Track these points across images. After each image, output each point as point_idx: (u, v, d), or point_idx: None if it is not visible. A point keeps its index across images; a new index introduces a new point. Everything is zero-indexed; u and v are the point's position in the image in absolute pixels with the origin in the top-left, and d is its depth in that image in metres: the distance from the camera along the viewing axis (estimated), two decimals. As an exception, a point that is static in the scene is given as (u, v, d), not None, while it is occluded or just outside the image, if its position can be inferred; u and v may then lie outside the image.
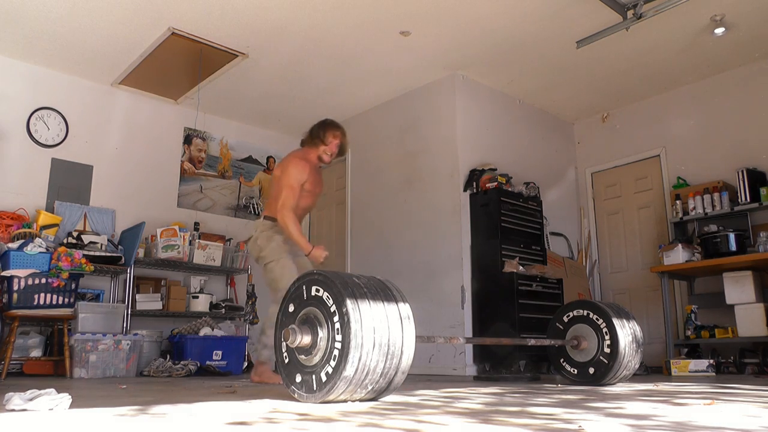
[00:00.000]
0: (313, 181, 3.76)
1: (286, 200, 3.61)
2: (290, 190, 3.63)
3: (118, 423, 1.57)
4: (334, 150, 3.83)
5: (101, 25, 4.79)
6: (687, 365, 4.81)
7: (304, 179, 3.68)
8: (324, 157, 3.81)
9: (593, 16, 4.65)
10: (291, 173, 3.67)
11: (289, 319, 2.20)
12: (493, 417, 1.71)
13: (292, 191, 3.63)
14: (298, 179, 3.66)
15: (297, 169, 3.69)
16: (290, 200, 3.62)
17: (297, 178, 3.66)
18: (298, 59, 5.34)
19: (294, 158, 3.80)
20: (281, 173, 3.74)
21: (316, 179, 3.82)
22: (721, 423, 1.57)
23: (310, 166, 3.76)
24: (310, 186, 3.74)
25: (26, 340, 4.69)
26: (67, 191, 5.46)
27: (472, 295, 5.14)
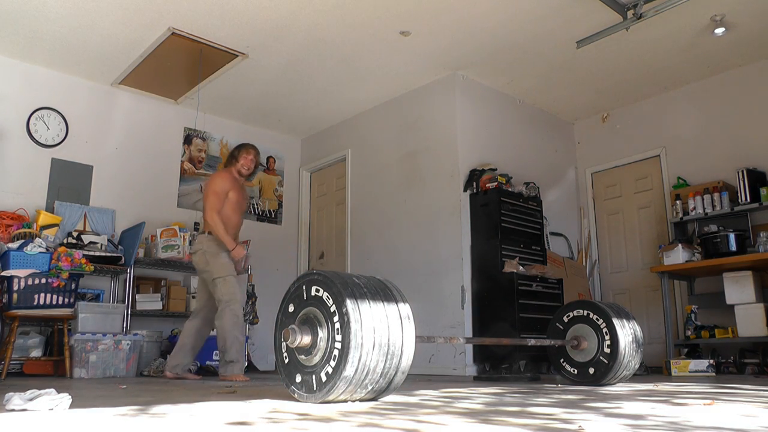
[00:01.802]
0: (237, 192, 4.32)
1: (212, 205, 4.18)
2: (215, 196, 4.21)
3: (118, 423, 1.57)
4: (250, 165, 4.41)
5: (101, 25, 4.79)
6: (687, 365, 4.81)
7: (227, 187, 4.26)
8: (242, 171, 4.37)
9: (593, 16, 4.65)
10: (215, 182, 4.30)
11: (288, 319, 2.20)
12: (493, 417, 1.71)
13: (216, 196, 4.20)
14: (221, 186, 4.25)
15: (220, 178, 4.34)
16: (216, 204, 4.18)
17: (221, 185, 4.25)
18: (298, 59, 5.34)
19: (216, 173, 4.64)
20: (206, 186, 4.36)
21: (241, 192, 4.38)
22: (720, 423, 1.57)
23: (232, 177, 4.34)
24: (236, 196, 4.29)
25: (26, 340, 4.69)
26: (67, 191, 5.46)
27: (472, 295, 5.14)
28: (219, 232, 4.14)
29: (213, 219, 4.14)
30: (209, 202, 4.20)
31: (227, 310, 4.03)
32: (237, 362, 3.98)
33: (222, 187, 4.25)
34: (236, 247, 4.18)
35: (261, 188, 6.86)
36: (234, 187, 4.30)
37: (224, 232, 4.13)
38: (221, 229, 4.13)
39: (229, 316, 4.02)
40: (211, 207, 4.18)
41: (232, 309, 4.04)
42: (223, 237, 4.13)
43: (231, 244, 4.15)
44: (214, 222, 4.14)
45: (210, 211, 4.18)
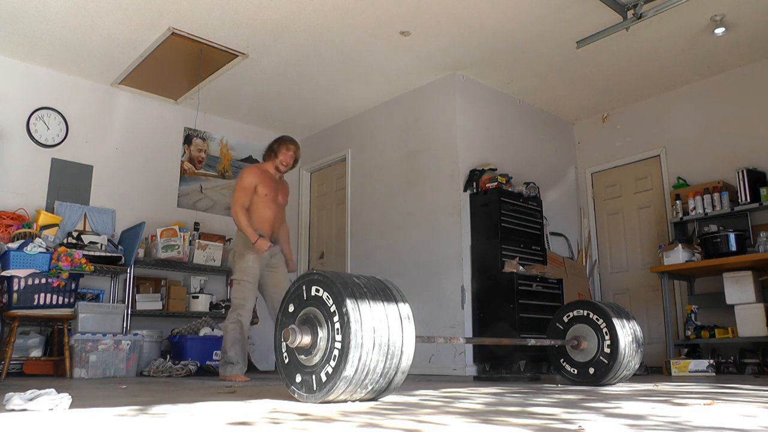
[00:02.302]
0: (268, 187, 4.23)
1: (236, 198, 4.16)
2: (240, 190, 4.17)
3: (118, 423, 1.57)
4: (289, 161, 4.33)
5: (101, 25, 4.79)
6: (687, 365, 4.81)
7: (255, 182, 4.19)
8: (280, 167, 4.31)
9: (593, 16, 4.65)
10: (242, 176, 4.26)
11: (289, 319, 2.20)
12: (493, 417, 1.71)
13: (242, 191, 4.16)
14: (248, 181, 4.19)
15: (247, 172, 4.28)
16: (241, 198, 4.14)
17: (247, 180, 4.19)
18: (298, 59, 5.34)
19: (246, 167, 4.50)
20: (236, 181, 4.34)
21: (272, 186, 4.27)
22: (720, 423, 1.57)
23: (261, 171, 4.27)
24: (266, 190, 4.21)
25: (26, 340, 4.69)
26: (67, 191, 5.46)
27: (472, 295, 5.13)
28: (240, 225, 4.10)
29: (235, 212, 4.12)
30: (234, 195, 4.20)
31: (233, 314, 4.05)
32: (237, 363, 3.99)
33: (249, 182, 4.19)
34: (258, 239, 4.07)
35: (261, 188, 6.85)
36: (263, 181, 4.22)
37: (246, 224, 4.08)
38: (243, 222, 4.08)
39: (233, 319, 4.03)
40: (235, 200, 4.16)
41: (238, 313, 4.04)
42: (245, 229, 4.08)
43: (253, 236, 4.06)
44: (236, 215, 4.12)
45: (234, 204, 4.16)
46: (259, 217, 4.18)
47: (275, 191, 4.30)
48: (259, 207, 4.19)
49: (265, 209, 4.21)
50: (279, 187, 4.36)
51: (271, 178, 4.30)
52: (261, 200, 4.20)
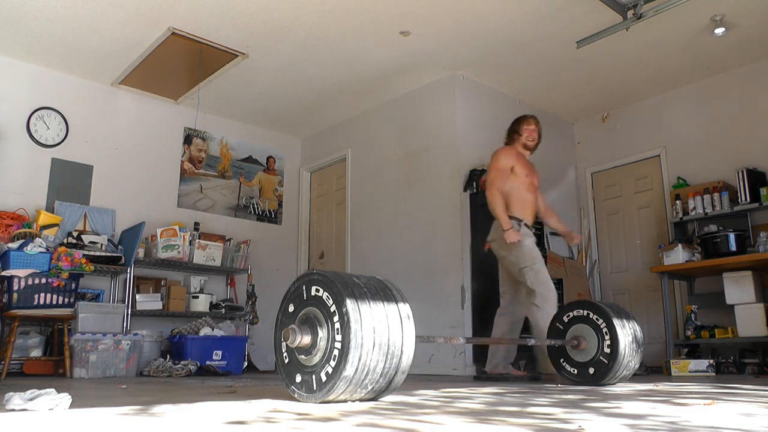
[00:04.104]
0: (524, 166, 4.03)
1: (492, 180, 3.97)
2: (496, 172, 3.98)
3: (118, 423, 1.57)
4: (534, 135, 4.13)
5: (101, 26, 4.79)
6: (687, 365, 4.81)
7: (511, 162, 4.00)
8: (528, 143, 4.13)
9: (593, 16, 4.65)
10: (496, 157, 4.06)
11: (289, 319, 2.20)
12: (493, 417, 1.71)
13: (498, 172, 3.97)
14: (504, 161, 4.01)
15: (502, 152, 4.09)
16: (497, 180, 3.95)
17: (503, 161, 4.01)
18: (298, 59, 5.34)
19: (501, 148, 4.21)
20: (489, 164, 4.14)
21: (529, 167, 4.08)
22: (721, 423, 1.57)
23: (516, 152, 4.09)
24: (523, 170, 4.00)
25: (26, 340, 4.69)
26: (67, 191, 5.46)
27: (472, 295, 5.13)
28: (495, 211, 3.90)
29: (491, 195, 3.92)
30: (490, 177, 3.99)
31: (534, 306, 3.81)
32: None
33: (504, 163, 4.00)
34: (509, 230, 3.83)
35: (261, 188, 6.86)
36: (519, 161, 4.03)
37: (501, 210, 3.88)
38: (498, 207, 3.88)
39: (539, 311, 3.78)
40: (491, 183, 3.95)
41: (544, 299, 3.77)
42: (500, 215, 3.88)
43: (506, 223, 3.85)
44: (492, 198, 3.91)
45: (490, 187, 3.94)
46: (520, 201, 3.97)
47: (531, 174, 4.09)
48: (520, 190, 3.98)
49: (526, 192, 4.00)
50: (533, 170, 4.14)
51: (525, 160, 4.11)
52: (521, 182, 3.99)
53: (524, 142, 4.11)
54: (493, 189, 3.92)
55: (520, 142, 4.12)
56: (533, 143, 4.15)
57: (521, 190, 3.98)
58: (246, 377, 4.60)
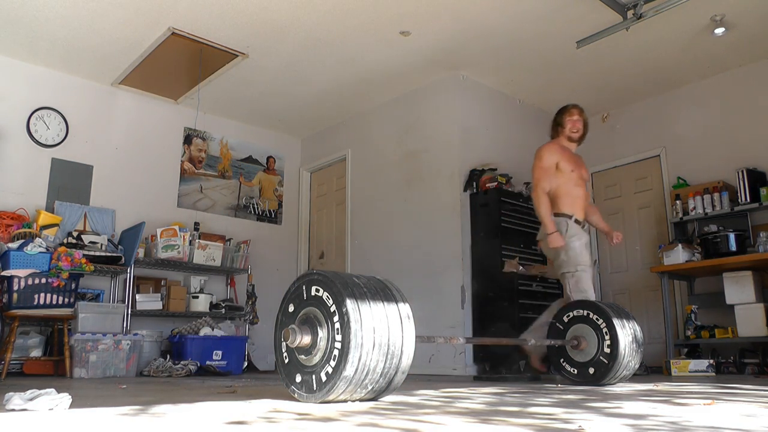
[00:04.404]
0: (572, 162, 3.87)
1: (536, 179, 3.82)
2: (540, 170, 3.83)
3: (119, 423, 1.57)
4: (577, 125, 3.94)
5: (101, 26, 4.79)
6: (687, 365, 4.81)
7: (555, 158, 3.84)
8: (572, 135, 3.94)
9: (593, 16, 4.65)
10: (541, 155, 3.90)
11: (289, 319, 2.20)
12: (494, 417, 1.71)
13: (541, 171, 3.82)
14: (547, 158, 3.85)
15: (545, 148, 3.92)
16: (542, 180, 3.80)
17: (546, 157, 3.85)
18: (298, 59, 5.34)
19: (544, 144, 4.03)
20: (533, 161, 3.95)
21: (575, 161, 3.91)
22: (721, 423, 1.57)
23: (560, 147, 3.92)
24: (570, 165, 3.84)
25: (26, 340, 4.69)
26: (67, 191, 5.46)
27: (472, 295, 5.13)
28: (539, 212, 3.76)
29: (535, 196, 3.80)
30: (534, 177, 3.85)
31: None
32: None
33: (548, 160, 3.84)
34: (554, 234, 3.69)
35: (261, 188, 6.86)
36: (564, 156, 3.86)
37: (546, 212, 3.73)
38: (542, 209, 3.74)
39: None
40: (536, 183, 3.81)
41: None
42: (543, 217, 3.74)
43: (550, 226, 3.70)
44: (536, 199, 3.78)
45: (535, 188, 3.82)
46: (570, 197, 3.81)
47: (578, 167, 3.92)
48: (568, 186, 3.81)
49: (574, 187, 3.83)
50: (580, 163, 3.97)
51: (571, 153, 3.94)
52: (568, 178, 3.82)
53: (568, 134, 3.93)
54: (537, 190, 3.79)
55: (564, 135, 3.95)
56: (578, 134, 3.96)
57: (569, 186, 3.82)
58: (246, 377, 4.60)
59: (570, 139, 3.95)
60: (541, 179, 3.80)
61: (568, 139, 3.95)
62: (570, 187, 3.82)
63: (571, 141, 3.96)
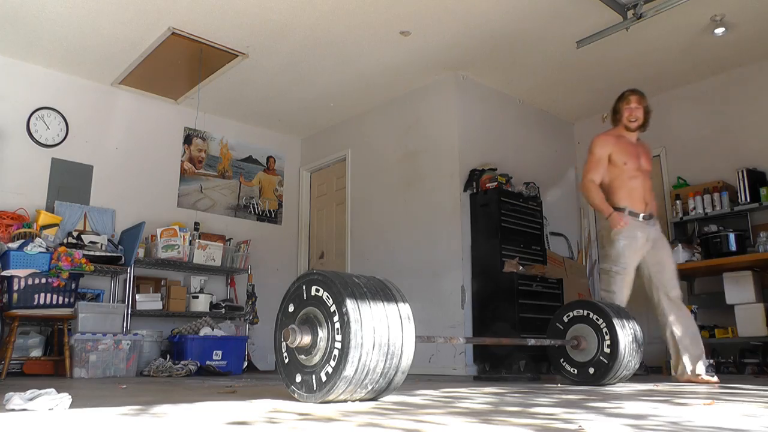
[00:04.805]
0: (626, 153, 3.72)
1: (587, 171, 3.74)
2: (590, 163, 3.74)
3: (119, 423, 1.57)
4: (635, 113, 3.77)
5: (101, 25, 4.79)
6: (687, 365, 4.80)
7: (606, 151, 3.72)
8: (630, 125, 3.77)
9: (593, 16, 4.65)
10: (592, 146, 3.79)
11: (288, 319, 2.20)
12: (494, 417, 1.71)
13: (593, 163, 3.72)
14: (598, 150, 3.74)
15: (596, 140, 3.80)
16: (591, 171, 3.71)
17: (597, 149, 3.74)
18: (298, 59, 5.34)
19: (597, 135, 3.91)
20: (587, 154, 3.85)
21: (631, 151, 3.75)
22: (722, 423, 1.57)
23: (615, 137, 3.78)
24: (623, 157, 3.70)
25: (26, 340, 4.69)
26: (67, 191, 5.46)
27: (472, 295, 5.13)
28: (591, 201, 3.70)
29: (583, 186, 3.74)
30: (584, 167, 3.78)
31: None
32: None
33: (599, 153, 3.73)
34: (613, 214, 3.59)
35: (261, 188, 6.86)
36: (619, 148, 3.73)
37: (598, 199, 3.65)
38: (593, 197, 3.67)
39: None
40: (585, 173, 3.75)
41: None
42: (597, 204, 3.65)
43: (605, 210, 3.62)
44: (584, 190, 3.74)
45: (583, 178, 3.75)
46: (625, 190, 3.69)
47: (636, 157, 3.76)
48: (622, 178, 3.70)
49: (629, 180, 3.70)
50: (640, 151, 3.82)
51: (628, 143, 3.79)
52: (621, 171, 3.70)
53: (625, 123, 3.77)
54: (584, 180, 3.73)
55: (623, 124, 3.79)
56: (636, 124, 3.77)
57: (623, 179, 3.69)
58: (246, 377, 4.60)
59: (627, 128, 3.78)
60: (589, 171, 3.72)
61: (626, 128, 3.79)
62: (624, 180, 3.69)
63: (628, 131, 3.79)
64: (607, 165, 3.73)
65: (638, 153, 3.78)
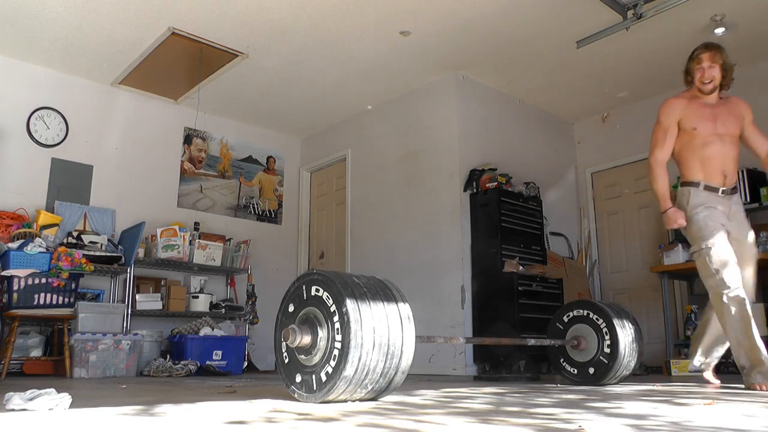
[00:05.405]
0: (698, 117, 3.20)
1: (652, 145, 3.26)
2: (656, 135, 3.25)
3: (118, 423, 1.57)
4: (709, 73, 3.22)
5: (101, 25, 4.79)
6: (687, 365, 4.80)
7: (675, 116, 3.23)
8: (703, 88, 3.23)
9: (593, 16, 4.65)
10: (658, 114, 3.30)
11: (288, 319, 2.20)
12: (494, 417, 1.71)
13: (659, 134, 3.24)
14: (664, 119, 3.25)
15: (664, 106, 3.31)
16: (656, 145, 3.24)
17: (663, 119, 3.26)
18: (298, 59, 5.34)
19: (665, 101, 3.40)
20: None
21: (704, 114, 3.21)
22: (722, 423, 1.57)
23: (687, 99, 3.28)
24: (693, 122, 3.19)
25: (26, 340, 4.69)
26: (67, 191, 5.46)
27: (472, 295, 5.13)
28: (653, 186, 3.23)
29: (648, 166, 3.25)
30: (651, 140, 3.27)
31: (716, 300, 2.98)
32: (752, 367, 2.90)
33: (666, 120, 3.24)
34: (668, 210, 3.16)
35: (261, 188, 6.86)
36: (690, 110, 3.22)
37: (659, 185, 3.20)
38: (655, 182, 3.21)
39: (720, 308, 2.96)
40: (651, 146, 3.25)
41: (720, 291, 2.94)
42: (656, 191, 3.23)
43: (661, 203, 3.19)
44: (649, 170, 3.24)
45: (649, 156, 3.25)
46: (697, 160, 3.18)
47: (711, 120, 3.20)
48: (693, 146, 3.19)
49: (702, 147, 3.17)
50: (720, 113, 3.23)
51: (702, 104, 3.24)
52: (690, 137, 3.19)
53: (698, 86, 3.25)
54: (650, 158, 3.23)
55: (695, 84, 3.28)
56: (711, 85, 3.22)
57: (694, 147, 3.18)
58: (246, 377, 4.60)
59: (701, 91, 3.25)
60: (654, 146, 3.24)
61: (699, 91, 3.26)
62: (695, 148, 3.18)
63: (702, 92, 3.25)
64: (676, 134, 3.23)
65: (715, 116, 3.22)
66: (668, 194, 3.19)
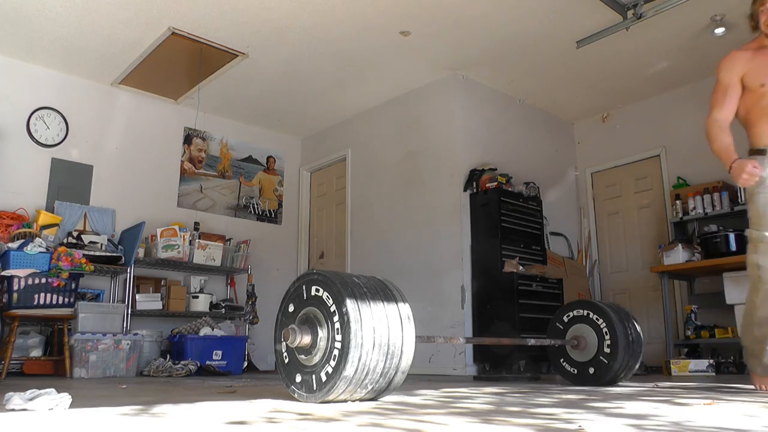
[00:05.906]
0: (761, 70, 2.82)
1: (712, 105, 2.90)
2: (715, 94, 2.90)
3: (118, 423, 1.56)
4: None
5: (101, 25, 4.79)
6: (687, 365, 4.81)
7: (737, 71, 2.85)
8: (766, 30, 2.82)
9: (593, 16, 4.65)
10: (718, 71, 2.94)
11: (288, 319, 2.20)
12: (494, 417, 1.71)
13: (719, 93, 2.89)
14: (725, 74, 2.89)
15: (725, 61, 2.93)
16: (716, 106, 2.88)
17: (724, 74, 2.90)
18: (298, 59, 5.34)
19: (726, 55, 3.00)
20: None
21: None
22: (722, 423, 1.57)
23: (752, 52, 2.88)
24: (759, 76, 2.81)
25: (26, 340, 4.69)
26: (67, 191, 5.46)
27: (472, 295, 5.13)
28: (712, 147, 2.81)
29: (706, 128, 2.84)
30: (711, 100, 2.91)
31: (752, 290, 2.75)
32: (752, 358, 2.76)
33: (726, 76, 2.87)
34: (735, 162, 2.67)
35: (261, 188, 6.86)
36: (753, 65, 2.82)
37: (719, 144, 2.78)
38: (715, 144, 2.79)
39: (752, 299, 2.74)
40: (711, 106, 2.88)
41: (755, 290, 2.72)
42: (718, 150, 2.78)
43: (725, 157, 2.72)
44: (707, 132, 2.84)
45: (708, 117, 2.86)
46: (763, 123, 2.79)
47: None
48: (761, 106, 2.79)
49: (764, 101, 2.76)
50: None
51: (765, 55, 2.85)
52: (758, 96, 2.79)
53: (763, 30, 2.81)
54: (708, 119, 2.85)
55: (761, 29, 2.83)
56: None
57: (764, 108, 2.78)
58: (246, 377, 4.60)
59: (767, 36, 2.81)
60: (713, 106, 2.88)
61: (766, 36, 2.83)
62: (764, 109, 2.78)
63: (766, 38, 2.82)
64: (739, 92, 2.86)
65: None
66: (732, 148, 2.75)
